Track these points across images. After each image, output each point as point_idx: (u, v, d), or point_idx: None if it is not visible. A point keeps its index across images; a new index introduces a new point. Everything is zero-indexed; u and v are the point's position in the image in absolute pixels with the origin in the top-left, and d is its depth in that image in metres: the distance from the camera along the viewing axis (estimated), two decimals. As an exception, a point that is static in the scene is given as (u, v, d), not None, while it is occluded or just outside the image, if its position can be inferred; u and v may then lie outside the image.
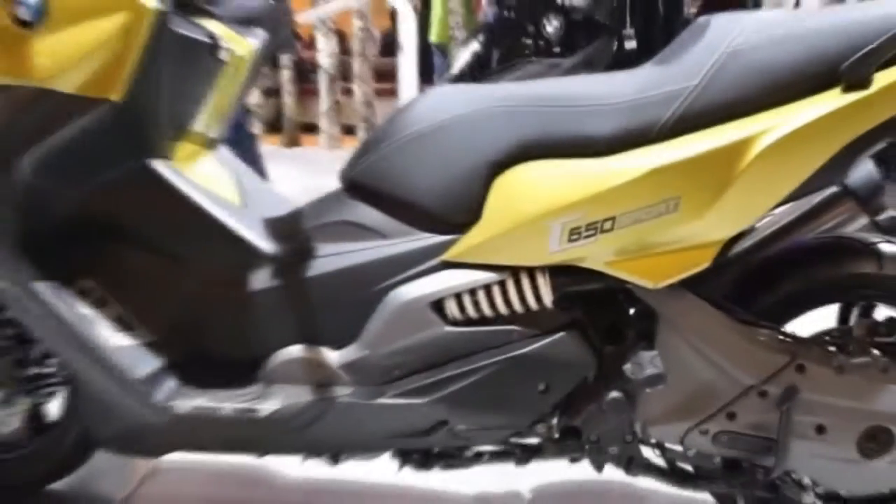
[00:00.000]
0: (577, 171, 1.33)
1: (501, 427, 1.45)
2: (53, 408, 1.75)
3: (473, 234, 1.38)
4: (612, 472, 1.53)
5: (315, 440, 1.48)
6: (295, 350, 1.47)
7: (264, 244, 1.49)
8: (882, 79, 1.25)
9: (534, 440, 1.49)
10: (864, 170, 1.51)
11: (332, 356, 1.45)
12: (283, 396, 1.45)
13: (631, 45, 4.31)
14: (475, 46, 4.28)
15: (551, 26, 4.17)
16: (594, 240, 1.33)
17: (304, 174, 6.06)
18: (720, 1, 4.42)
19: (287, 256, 1.49)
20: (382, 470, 1.64)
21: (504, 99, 1.40)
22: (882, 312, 1.50)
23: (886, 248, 1.43)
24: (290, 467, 1.91)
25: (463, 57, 4.29)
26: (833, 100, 1.26)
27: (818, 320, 1.50)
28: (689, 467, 1.52)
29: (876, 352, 1.42)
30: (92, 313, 1.49)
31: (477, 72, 4.21)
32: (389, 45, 8.21)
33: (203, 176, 1.62)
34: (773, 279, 1.45)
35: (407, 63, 4.48)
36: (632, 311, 1.46)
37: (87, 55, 1.38)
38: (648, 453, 1.51)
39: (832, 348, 1.44)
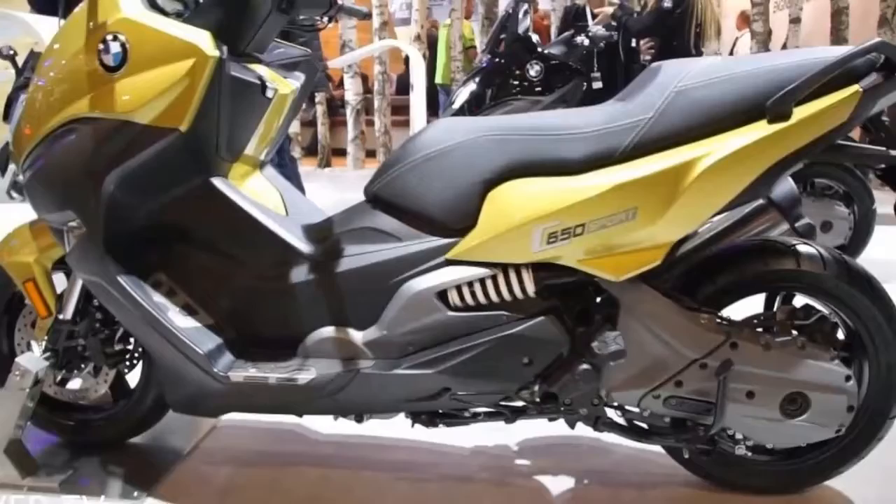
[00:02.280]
0: (554, 187, 1.33)
1: (493, 392, 1.44)
2: (133, 377, 1.76)
3: (471, 237, 1.38)
4: (583, 429, 1.53)
5: (344, 403, 1.47)
6: (327, 330, 1.47)
7: (303, 246, 1.49)
8: (800, 112, 1.25)
9: (519, 403, 1.48)
10: (785, 186, 1.51)
11: (357, 335, 1.45)
12: (318, 368, 1.44)
13: (598, 85, 4.32)
14: (472, 86, 4.28)
15: (533, 70, 4.17)
16: (568, 242, 1.32)
17: (334, 189, 6.08)
18: (669, 50, 4.41)
19: (321, 256, 1.48)
20: (398, 427, 1.64)
21: (496, 129, 1.40)
22: (800, 300, 1.50)
23: (803, 248, 1.43)
24: (324, 425, 1.90)
25: (462, 95, 4.29)
26: (760, 130, 1.26)
27: (749, 307, 1.49)
28: (644, 425, 1.51)
29: (795, 332, 1.42)
30: (164, 301, 1.49)
31: (474, 107, 4.21)
32: (403, 86, 8.22)
33: (253, 191, 1.62)
34: (712, 273, 1.45)
35: (417, 100, 4.48)
36: (598, 299, 1.45)
37: (160, 93, 1.38)
38: (612, 414, 1.50)
39: (760, 329, 1.44)
